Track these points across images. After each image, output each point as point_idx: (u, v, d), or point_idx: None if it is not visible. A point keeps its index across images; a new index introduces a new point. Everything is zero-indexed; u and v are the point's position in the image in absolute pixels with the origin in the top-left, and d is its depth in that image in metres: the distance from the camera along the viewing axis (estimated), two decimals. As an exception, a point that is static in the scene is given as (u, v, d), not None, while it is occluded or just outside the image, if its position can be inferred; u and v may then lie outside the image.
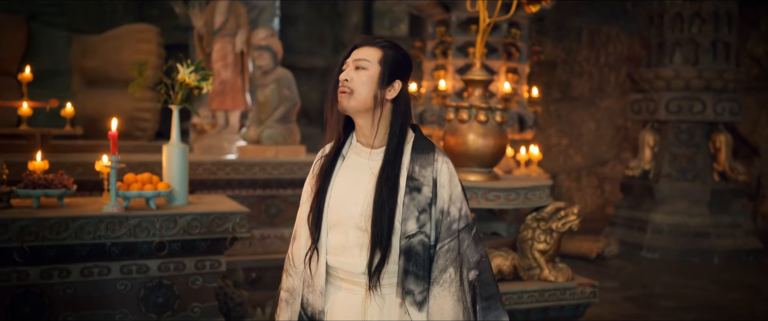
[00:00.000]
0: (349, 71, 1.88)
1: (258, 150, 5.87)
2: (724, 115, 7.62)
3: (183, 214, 3.41)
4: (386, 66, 1.87)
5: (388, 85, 1.87)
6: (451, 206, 1.85)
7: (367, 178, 1.87)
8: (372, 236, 1.81)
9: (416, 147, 1.89)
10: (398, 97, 1.89)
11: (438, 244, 1.84)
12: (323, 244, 1.90)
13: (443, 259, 1.82)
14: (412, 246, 1.80)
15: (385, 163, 1.85)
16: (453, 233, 1.84)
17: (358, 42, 1.93)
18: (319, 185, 1.92)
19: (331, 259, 1.91)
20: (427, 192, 1.83)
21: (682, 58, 7.74)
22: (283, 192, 5.88)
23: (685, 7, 7.66)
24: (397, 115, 1.88)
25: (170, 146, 3.66)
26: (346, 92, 1.86)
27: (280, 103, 5.99)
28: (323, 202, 1.90)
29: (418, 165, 1.86)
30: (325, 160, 1.95)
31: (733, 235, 7.50)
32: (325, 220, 1.90)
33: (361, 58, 1.88)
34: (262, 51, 5.98)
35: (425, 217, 1.82)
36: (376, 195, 1.82)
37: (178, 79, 3.60)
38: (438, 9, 6.60)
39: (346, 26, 9.99)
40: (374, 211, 1.81)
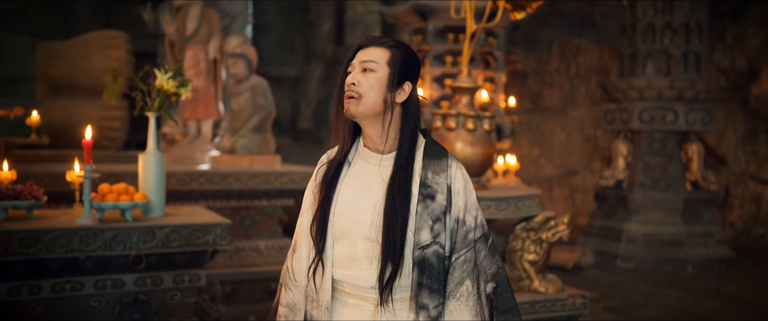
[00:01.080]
0: (356, 74, 1.76)
1: (232, 160, 5.71)
2: (696, 125, 7.69)
3: (161, 226, 3.25)
4: (395, 67, 1.76)
5: (397, 88, 1.76)
6: (467, 214, 1.75)
7: (376, 186, 1.76)
8: (383, 247, 1.69)
9: (428, 152, 1.78)
10: (408, 99, 1.78)
11: (453, 255, 1.73)
12: (328, 256, 1.78)
13: (459, 271, 1.72)
14: (426, 257, 1.69)
15: (397, 170, 1.73)
16: (469, 243, 1.73)
17: (363, 42, 1.81)
18: (323, 193, 1.80)
19: (336, 271, 1.78)
20: (441, 200, 1.73)
21: (655, 69, 7.80)
22: (258, 203, 5.73)
23: (657, 18, 7.73)
24: (408, 119, 1.77)
25: (147, 155, 3.51)
26: (354, 97, 1.74)
27: (254, 111, 5.84)
28: (328, 211, 1.78)
29: (431, 171, 1.75)
30: (330, 166, 1.83)
31: (706, 244, 7.56)
32: (330, 230, 1.78)
33: (369, 59, 1.76)
34: (237, 58, 5.83)
35: (440, 226, 1.71)
36: (387, 203, 1.70)
37: (156, 85, 3.45)
38: (415, 17, 6.54)
39: (317, 35, 9.88)
40: (385, 221, 1.69)
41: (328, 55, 9.87)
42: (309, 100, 9.90)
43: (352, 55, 1.80)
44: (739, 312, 5.64)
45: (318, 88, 9.98)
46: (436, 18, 6.38)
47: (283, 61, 9.87)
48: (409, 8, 6.42)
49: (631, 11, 7.92)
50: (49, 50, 6.70)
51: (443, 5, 6.30)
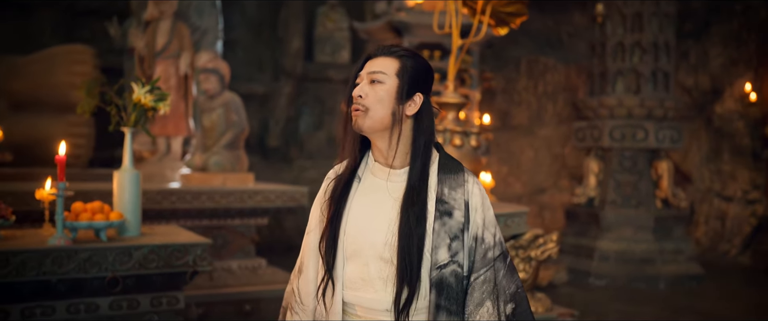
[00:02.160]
0: (363, 86, 1.67)
1: (204, 178, 5.55)
2: (666, 143, 7.78)
3: (139, 246, 3.10)
4: (405, 78, 1.67)
5: (407, 100, 1.67)
6: (486, 232, 1.66)
7: (389, 203, 1.66)
8: (399, 268, 1.59)
9: (443, 167, 1.69)
10: (420, 112, 1.69)
11: (472, 274, 1.63)
12: (339, 277, 1.67)
13: (479, 291, 1.62)
14: (443, 278, 1.60)
15: (410, 187, 1.64)
16: (488, 262, 1.64)
17: (371, 52, 1.72)
18: (333, 210, 1.69)
19: (347, 293, 1.68)
20: (458, 216, 1.63)
21: (625, 87, 7.87)
22: (231, 222, 5.57)
23: (627, 37, 7.82)
24: (419, 132, 1.68)
25: (122, 172, 3.35)
26: (361, 110, 1.65)
27: (227, 128, 5.70)
28: (338, 229, 1.67)
29: (448, 187, 1.66)
30: (339, 181, 1.73)
31: (677, 261, 7.61)
32: (340, 249, 1.67)
33: (377, 70, 1.67)
34: (209, 74, 5.70)
35: (458, 244, 1.62)
36: (402, 221, 1.61)
37: (133, 99, 3.31)
38: (389, 34, 6.49)
39: (286, 52, 9.77)
40: (400, 240, 1.59)
41: (298, 72, 9.76)
42: (278, 118, 9.77)
43: (360, 65, 1.71)
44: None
45: (287, 106, 9.85)
46: (411, 34, 6.34)
47: (251, 77, 9.73)
48: (384, 25, 6.37)
49: (601, 30, 8.00)
50: (10, 65, 6.48)
51: (418, 21, 6.27)
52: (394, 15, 6.24)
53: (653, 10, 7.71)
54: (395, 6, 6.37)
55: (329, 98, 9.96)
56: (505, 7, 3.85)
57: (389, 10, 6.42)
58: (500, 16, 3.91)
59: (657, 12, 7.73)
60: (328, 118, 9.98)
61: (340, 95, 9.98)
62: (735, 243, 9.59)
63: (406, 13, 6.24)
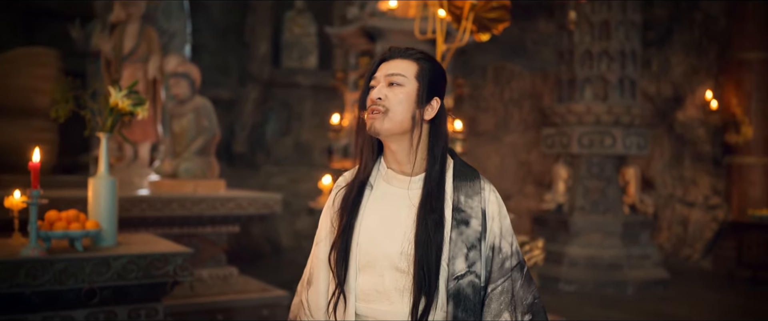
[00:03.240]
0: (382, 88, 1.61)
1: (174, 185, 5.41)
2: (633, 149, 7.88)
3: (117, 256, 2.98)
4: (424, 81, 1.62)
5: (426, 104, 1.62)
6: (503, 241, 1.61)
7: (405, 211, 1.60)
8: (417, 279, 1.53)
9: (458, 174, 1.64)
10: (437, 116, 1.64)
11: (489, 285, 1.58)
12: (352, 289, 1.61)
13: (497, 302, 1.57)
14: (461, 289, 1.54)
15: (428, 193, 1.58)
16: (506, 272, 1.60)
17: (386, 54, 1.66)
18: (345, 219, 1.62)
19: (361, 306, 1.61)
20: (476, 225, 1.58)
21: (592, 94, 7.96)
22: (202, 230, 5.44)
23: (594, 45, 7.91)
24: (437, 137, 1.63)
25: (98, 179, 3.23)
26: (380, 112, 1.59)
27: (198, 134, 5.58)
28: (351, 239, 1.61)
29: (464, 194, 1.60)
30: (350, 189, 1.66)
31: (644, 266, 7.71)
32: (353, 260, 1.61)
33: (396, 72, 1.61)
34: (179, 78, 5.57)
35: (475, 254, 1.56)
36: (420, 230, 1.55)
37: (110, 103, 3.20)
38: (362, 39, 6.43)
39: (253, 57, 9.64)
40: (418, 250, 1.53)
41: (265, 78, 9.64)
42: (244, 124, 9.62)
43: (375, 67, 1.65)
44: (685, 333, 5.74)
45: (253, 111, 9.71)
46: (385, 39, 6.29)
47: (217, 82, 9.57)
48: (357, 30, 6.31)
49: (569, 38, 8.08)
50: (-32, 68, 6.22)
51: (392, 26, 6.23)
52: (367, 20, 6.18)
53: (620, 19, 7.82)
54: (368, 11, 6.32)
55: (297, 104, 9.85)
56: (487, 12, 3.83)
57: (362, 15, 6.36)
58: (482, 21, 3.89)
59: (624, 20, 7.84)
60: (295, 124, 9.87)
61: (307, 101, 9.89)
62: (697, 248, 9.77)
63: (379, 18, 6.19)
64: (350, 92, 6.70)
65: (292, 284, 6.65)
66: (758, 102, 9.26)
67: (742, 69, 9.36)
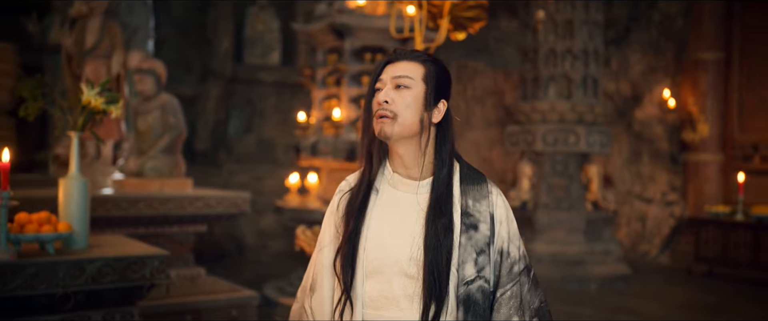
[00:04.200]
0: (389, 91, 1.58)
1: (140, 183, 5.28)
2: (595, 147, 8.00)
3: (92, 259, 2.89)
4: (431, 84, 1.59)
5: (434, 106, 1.60)
6: (511, 245, 1.60)
7: (413, 216, 1.57)
8: (427, 285, 1.50)
9: (465, 177, 1.62)
10: (444, 119, 1.62)
11: (498, 290, 1.57)
12: (358, 295, 1.57)
13: (506, 307, 1.56)
14: (470, 294, 1.52)
15: (436, 198, 1.56)
16: (514, 277, 1.59)
17: (392, 56, 1.63)
18: (351, 225, 1.59)
19: (368, 313, 1.57)
20: (484, 230, 1.57)
21: (556, 93, 8.05)
22: (169, 230, 5.33)
23: (558, 43, 8.00)
24: (445, 141, 1.61)
25: (70, 180, 3.13)
26: (388, 116, 1.56)
27: (164, 131, 5.46)
28: (357, 245, 1.57)
29: (472, 198, 1.58)
30: (355, 194, 1.63)
31: (606, 262, 7.84)
32: (360, 266, 1.57)
33: (403, 74, 1.59)
34: (144, 75, 5.44)
35: (484, 259, 1.55)
36: (429, 235, 1.52)
37: (82, 101, 3.09)
38: (330, 36, 6.37)
39: (215, 53, 9.49)
40: (428, 255, 1.51)
41: (227, 74, 9.50)
42: (206, 120, 9.47)
43: (380, 69, 1.62)
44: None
45: (215, 108, 9.56)
46: (354, 37, 6.25)
47: (178, 78, 9.37)
48: (326, 27, 6.25)
49: (534, 36, 8.16)
50: None
51: (361, 24, 6.19)
52: (335, 17, 6.13)
53: (583, 18, 7.93)
54: (336, 8, 6.26)
55: (259, 100, 9.73)
56: (464, 11, 3.83)
57: (330, 12, 6.30)
58: (459, 20, 3.88)
59: (587, 20, 7.95)
60: (258, 121, 9.75)
61: (270, 97, 9.78)
62: (655, 243, 9.99)
63: (348, 15, 6.14)
64: (318, 89, 6.64)
65: (257, 284, 6.59)
66: (714, 101, 9.50)
67: (698, 69, 9.59)
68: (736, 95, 9.46)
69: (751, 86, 9.33)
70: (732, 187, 9.26)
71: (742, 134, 9.40)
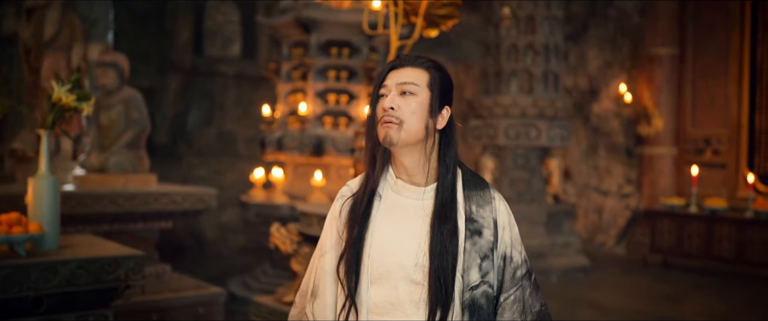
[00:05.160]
0: (394, 98, 1.58)
1: (103, 179, 5.17)
2: (556, 141, 8.13)
3: (65, 261, 2.82)
4: (436, 90, 1.60)
5: (438, 113, 1.60)
6: (513, 250, 1.62)
7: (418, 222, 1.58)
8: (433, 290, 1.51)
9: (468, 183, 1.63)
10: (448, 125, 1.63)
11: (501, 294, 1.59)
12: (363, 302, 1.57)
13: (510, 312, 1.58)
14: (475, 299, 1.54)
15: (441, 204, 1.57)
16: (517, 281, 1.61)
17: (396, 62, 1.63)
18: (355, 231, 1.59)
19: (374, 318, 1.58)
20: (488, 235, 1.58)
21: (518, 87, 8.14)
22: (133, 227, 5.23)
23: (520, 38, 8.09)
24: (449, 147, 1.62)
25: (39, 179, 3.04)
26: (394, 123, 1.55)
27: (127, 126, 5.34)
28: (362, 251, 1.57)
29: (475, 204, 1.60)
30: (359, 200, 1.62)
31: (566, 254, 7.99)
32: (365, 272, 1.57)
33: (408, 81, 1.59)
34: (107, 68, 5.31)
35: (488, 264, 1.57)
36: (435, 241, 1.53)
37: (53, 98, 3.01)
38: (296, 30, 6.33)
39: (174, 44, 9.32)
40: (433, 261, 1.52)
41: (186, 66, 9.34)
42: (165, 113, 9.30)
43: (383, 75, 1.61)
44: (614, 318, 5.98)
45: (175, 101, 9.40)
46: (320, 31, 6.22)
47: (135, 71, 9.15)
48: (291, 20, 6.20)
49: (496, 31, 8.23)
50: None
51: (328, 18, 6.16)
52: (301, 10, 6.08)
53: (545, 14, 8.03)
54: (302, 1, 6.22)
55: (219, 93, 9.61)
56: (438, 9, 3.84)
57: (296, 6, 6.25)
58: (432, 18, 3.89)
59: (548, 16, 8.06)
60: (218, 114, 9.63)
61: (230, 90, 9.65)
62: (611, 234, 10.22)
63: (314, 9, 6.10)
64: (283, 84, 6.59)
65: (220, 279, 6.52)
66: (668, 96, 9.74)
67: (653, 64, 9.81)
68: (689, 90, 9.72)
69: (703, 82, 9.60)
70: (685, 179, 9.53)
71: (695, 128, 9.67)
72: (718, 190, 9.20)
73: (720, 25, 9.33)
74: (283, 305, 3.67)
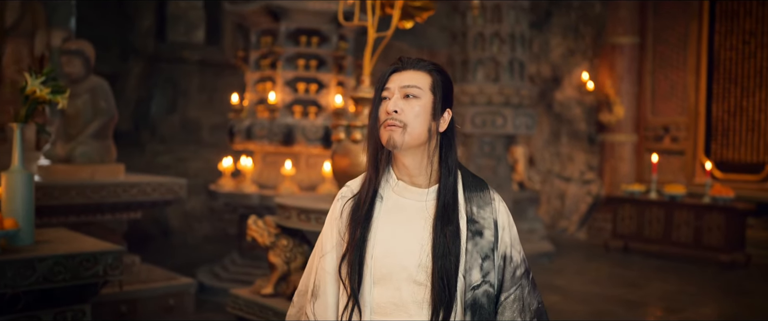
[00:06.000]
0: (397, 101, 1.60)
1: (70, 170, 5.07)
2: (522, 129, 8.23)
3: (43, 257, 2.78)
4: (438, 93, 1.63)
5: (440, 116, 1.63)
6: (513, 250, 1.66)
7: (420, 224, 1.60)
8: (436, 291, 1.54)
9: (468, 185, 1.66)
10: (449, 128, 1.66)
11: (502, 294, 1.63)
12: (366, 302, 1.59)
13: (510, 310, 1.62)
14: (477, 298, 1.58)
15: (444, 206, 1.59)
16: (517, 280, 1.64)
17: (398, 65, 1.65)
18: (358, 232, 1.60)
19: (377, 319, 1.60)
20: (489, 236, 1.61)
21: (484, 75, 8.21)
22: (101, 218, 5.16)
23: (486, 27, 8.14)
24: (450, 149, 1.65)
25: (13, 173, 2.98)
26: (398, 126, 1.57)
27: (94, 116, 5.25)
28: (365, 252, 1.59)
29: (475, 205, 1.63)
30: (361, 201, 1.64)
31: (531, 240, 8.12)
32: (368, 273, 1.59)
33: (412, 84, 1.61)
34: (72, 56, 5.20)
35: (489, 264, 1.60)
36: (438, 242, 1.56)
37: (27, 91, 2.94)
38: (265, 18, 6.27)
39: (136, 30, 9.14)
40: (436, 262, 1.55)
41: (149, 52, 9.18)
42: (127, 100, 9.13)
43: (386, 78, 1.63)
44: (578, 303, 6.12)
45: (137, 87, 9.24)
46: (289, 19, 6.17)
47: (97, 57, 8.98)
48: (260, 8, 6.14)
49: (462, 20, 8.27)
50: None
51: (296, 6, 6.12)
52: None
53: (511, 3, 8.09)
54: (271, -11, 6.15)
55: (183, 79, 9.47)
56: (413, 1, 3.86)
57: (264, -7, 6.19)
58: (408, 9, 3.91)
59: (514, 5, 8.13)
60: (182, 101, 9.49)
61: (194, 77, 9.52)
62: (573, 220, 10.42)
63: (283, -4, 6.06)
64: (251, 72, 6.53)
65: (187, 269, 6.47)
66: (629, 84, 9.94)
67: (615, 52, 9.99)
68: (649, 79, 9.93)
69: (662, 71, 9.82)
70: (645, 166, 9.77)
71: (655, 116, 9.90)
72: (677, 177, 9.45)
73: (679, 16, 9.54)
74: (261, 298, 3.67)
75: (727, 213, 7.80)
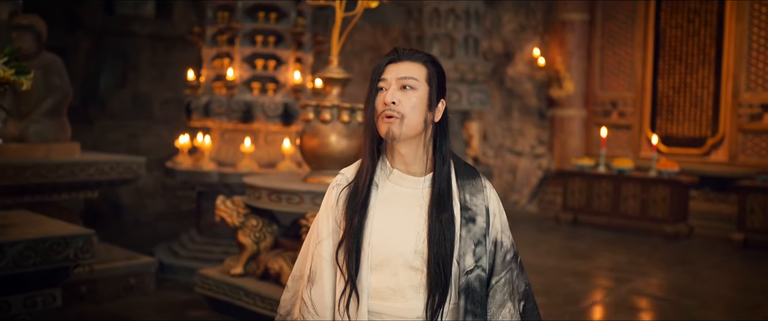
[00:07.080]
0: (394, 92, 1.64)
1: (23, 149, 4.95)
2: (476, 105, 8.35)
3: (12, 242, 2.73)
4: (434, 85, 1.67)
5: (435, 106, 1.68)
6: (503, 236, 1.73)
7: (416, 211, 1.66)
8: (432, 276, 1.60)
9: (461, 173, 1.71)
10: (443, 117, 1.71)
11: (493, 277, 1.70)
12: (364, 287, 1.64)
13: (501, 294, 1.69)
14: (470, 283, 1.64)
15: (439, 193, 1.65)
16: (507, 265, 1.72)
17: (394, 56, 1.68)
18: (355, 220, 1.64)
19: (374, 303, 1.65)
20: (481, 222, 1.68)
21: (440, 52, 8.28)
22: (58, 197, 5.07)
23: (442, 3, 8.19)
24: (444, 138, 1.70)
25: (-23, 157, 2.90)
26: (396, 117, 1.62)
27: (47, 93, 5.13)
28: (362, 239, 1.63)
29: (468, 193, 1.69)
30: (357, 189, 1.68)
31: (485, 214, 8.28)
32: (365, 259, 1.64)
33: (408, 76, 1.64)
34: (22, 32, 5.06)
35: (481, 249, 1.67)
36: (433, 229, 1.62)
37: (-10, 72, 2.86)
38: (222, -8, 6.17)
39: (83, 3, 8.85)
40: (432, 248, 1.61)
41: (97, 26, 8.92)
42: (75, 75, 8.85)
43: (381, 68, 1.66)
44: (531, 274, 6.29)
45: (85, 62, 8.98)
46: (247, -5, 6.09)
47: (41, 29, 8.69)
48: (217, -18, 6.04)
49: (418, -4, 8.31)
50: None
51: (255, -18, 6.04)
52: (228, -27, 5.95)
53: (466, -21, 8.16)
54: (227, -37, 6.06)
55: (133, 54, 9.24)
56: (380, -20, 3.87)
57: (221, -33, 6.09)
58: (374, -11, 3.92)
59: (469, -19, 8.19)
60: (132, 75, 9.28)
61: (144, 51, 9.31)
62: (524, 193, 10.65)
63: (241, -29, 5.98)
64: (208, 48, 6.44)
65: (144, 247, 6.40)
66: (578, 60, 10.15)
67: (565, 29, 10.18)
68: (598, 55, 10.16)
69: (610, 47, 10.06)
70: (594, 140, 10.03)
71: (603, 92, 10.15)
72: (624, 151, 9.74)
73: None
74: (231, 278, 3.68)
75: (671, 186, 8.10)
